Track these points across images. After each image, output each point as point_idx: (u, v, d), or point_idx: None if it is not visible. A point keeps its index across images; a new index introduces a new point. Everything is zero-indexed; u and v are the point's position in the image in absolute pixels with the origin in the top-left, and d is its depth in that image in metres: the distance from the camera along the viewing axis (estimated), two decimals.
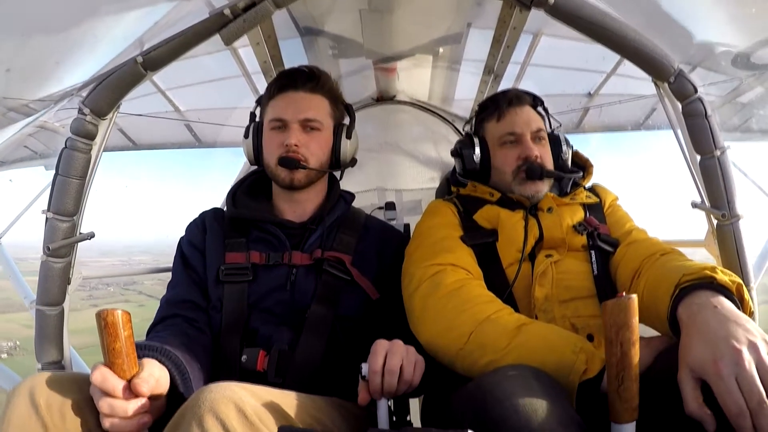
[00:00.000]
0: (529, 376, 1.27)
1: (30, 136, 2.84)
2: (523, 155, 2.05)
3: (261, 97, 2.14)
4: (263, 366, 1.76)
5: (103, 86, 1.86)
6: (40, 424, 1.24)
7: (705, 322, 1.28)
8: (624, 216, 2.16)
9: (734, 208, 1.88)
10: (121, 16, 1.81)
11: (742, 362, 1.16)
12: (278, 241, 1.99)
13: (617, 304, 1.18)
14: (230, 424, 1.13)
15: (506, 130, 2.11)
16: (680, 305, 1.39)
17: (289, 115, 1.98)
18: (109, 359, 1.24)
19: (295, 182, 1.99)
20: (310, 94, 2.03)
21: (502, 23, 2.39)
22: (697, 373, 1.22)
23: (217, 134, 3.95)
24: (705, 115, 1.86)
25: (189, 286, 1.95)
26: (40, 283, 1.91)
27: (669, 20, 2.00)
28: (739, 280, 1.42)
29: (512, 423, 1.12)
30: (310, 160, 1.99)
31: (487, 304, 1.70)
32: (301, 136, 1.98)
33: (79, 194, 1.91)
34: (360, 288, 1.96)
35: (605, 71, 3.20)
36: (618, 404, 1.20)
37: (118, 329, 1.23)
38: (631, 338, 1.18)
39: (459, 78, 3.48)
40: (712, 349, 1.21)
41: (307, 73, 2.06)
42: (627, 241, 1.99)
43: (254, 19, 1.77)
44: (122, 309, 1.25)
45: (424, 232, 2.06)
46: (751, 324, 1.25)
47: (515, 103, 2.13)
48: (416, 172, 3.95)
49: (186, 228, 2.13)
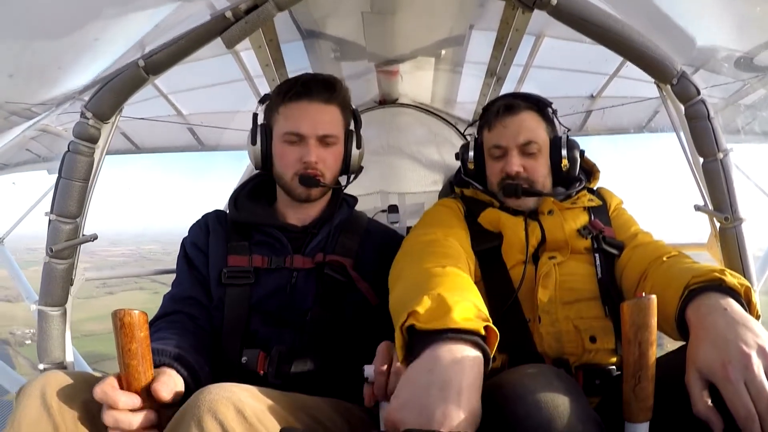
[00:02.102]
0: (549, 374, 1.27)
1: (32, 139, 2.85)
2: (505, 170, 2.04)
3: (266, 96, 2.11)
4: (263, 367, 1.76)
5: (106, 90, 1.86)
6: (51, 426, 1.24)
7: (714, 325, 1.27)
8: (629, 219, 2.15)
9: (737, 211, 1.87)
10: (123, 19, 1.81)
11: (752, 366, 1.16)
12: (280, 245, 1.98)
13: (637, 304, 1.19)
14: (229, 424, 1.13)
15: (493, 142, 2.09)
16: (689, 307, 1.38)
17: (306, 130, 1.95)
18: (124, 360, 1.23)
19: (312, 197, 2.00)
20: (325, 105, 1.99)
21: (504, 25, 2.39)
22: (705, 375, 1.22)
23: (219, 137, 3.96)
24: (708, 118, 1.86)
25: (193, 284, 1.96)
26: (43, 284, 1.91)
27: (672, 22, 2.00)
28: (748, 283, 1.40)
29: (534, 419, 1.11)
30: (326, 176, 1.99)
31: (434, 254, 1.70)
32: (319, 152, 1.97)
33: (82, 197, 1.91)
34: (360, 292, 1.95)
35: (608, 73, 3.20)
36: (633, 403, 1.20)
37: (135, 330, 1.22)
38: (650, 338, 1.18)
39: (461, 80, 3.48)
40: (720, 353, 1.20)
41: (323, 82, 2.02)
42: (633, 245, 1.98)
43: (256, 22, 1.77)
44: (139, 309, 1.24)
45: (427, 213, 2.13)
46: (759, 327, 1.25)
47: (504, 113, 2.09)
48: (419, 176, 3.96)
49: (189, 229, 2.13)
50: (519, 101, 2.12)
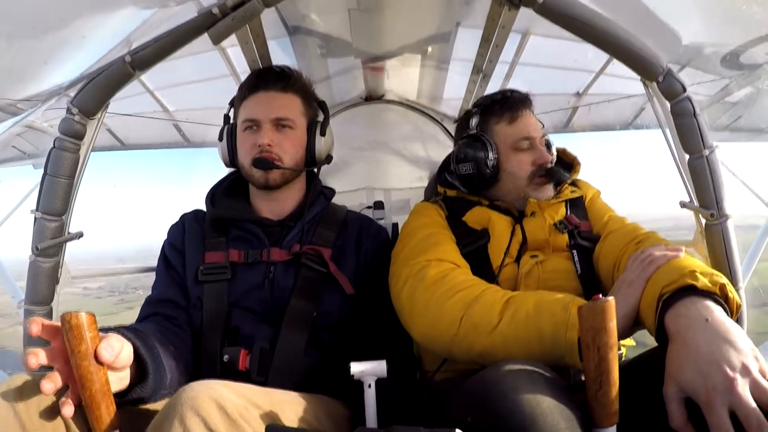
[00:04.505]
0: (531, 370, 1.27)
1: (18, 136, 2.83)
2: (539, 161, 2.05)
3: (234, 99, 2.14)
4: (245, 365, 1.76)
5: (92, 86, 1.86)
6: (19, 426, 1.23)
7: (694, 341, 1.25)
8: (602, 207, 2.17)
9: (723, 208, 1.88)
10: (109, 15, 1.80)
11: (736, 391, 1.14)
12: (257, 239, 1.99)
13: (592, 307, 1.16)
14: (212, 421, 1.13)
15: (521, 134, 2.09)
16: (666, 317, 1.35)
17: (260, 115, 1.97)
18: (75, 362, 1.22)
19: (270, 182, 1.99)
20: (281, 93, 2.02)
21: (491, 22, 2.39)
22: (686, 394, 1.21)
23: (205, 134, 3.95)
24: (693, 115, 1.87)
25: (169, 286, 1.96)
26: (29, 283, 1.91)
27: (658, 20, 2.01)
28: (722, 280, 1.39)
29: (518, 416, 1.11)
30: (284, 159, 1.99)
31: (473, 286, 1.70)
32: (273, 136, 1.97)
33: (68, 194, 1.91)
34: (338, 283, 1.95)
35: (594, 70, 3.21)
36: (598, 409, 1.18)
37: (83, 331, 1.21)
38: (609, 342, 1.15)
39: (448, 77, 3.48)
40: (704, 377, 1.18)
41: (278, 72, 2.06)
42: (605, 234, 2.01)
43: (243, 18, 1.77)
44: (86, 311, 1.24)
45: (410, 233, 2.05)
46: (741, 338, 1.23)
47: (527, 106, 2.13)
48: (405, 172, 3.96)
49: (168, 230, 2.13)
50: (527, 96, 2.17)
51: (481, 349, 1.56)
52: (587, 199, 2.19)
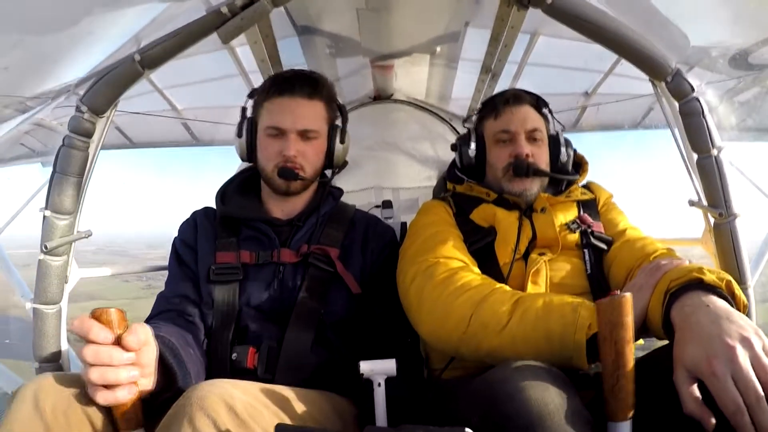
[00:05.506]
0: (538, 370, 1.27)
1: (27, 133, 2.83)
2: (514, 153, 2.06)
3: (254, 91, 2.13)
4: (253, 363, 1.77)
5: (101, 84, 1.86)
6: (43, 426, 1.23)
7: (697, 322, 1.27)
8: (619, 214, 2.16)
9: (731, 207, 1.88)
10: (119, 13, 1.81)
11: (737, 359, 1.15)
12: (268, 239, 1.99)
13: (610, 302, 1.18)
14: (221, 420, 1.13)
15: (501, 127, 2.12)
16: (672, 309, 1.37)
17: (287, 124, 1.96)
18: None
19: (291, 190, 2.00)
20: (308, 101, 2.00)
21: (499, 22, 2.39)
22: (692, 372, 1.21)
23: (214, 133, 3.95)
24: (702, 114, 1.87)
25: (183, 282, 1.96)
26: (38, 282, 1.91)
27: (666, 20, 2.00)
28: (728, 277, 1.41)
29: (525, 416, 1.11)
30: (306, 169, 2.00)
31: (481, 285, 1.70)
32: (299, 146, 1.97)
33: (77, 192, 1.91)
34: (345, 282, 1.95)
35: (603, 70, 3.20)
36: (614, 403, 1.20)
37: (114, 328, 1.22)
38: (626, 336, 1.17)
39: (456, 77, 3.47)
40: (705, 348, 1.19)
41: (305, 77, 2.04)
42: (621, 240, 2.00)
43: (252, 18, 1.77)
44: (116, 308, 1.24)
45: (417, 231, 2.06)
46: (743, 319, 1.25)
47: (513, 102, 2.14)
48: (413, 171, 3.95)
49: (179, 228, 2.14)
50: (523, 94, 2.18)
51: (490, 348, 1.57)
52: (600, 203, 2.19)
